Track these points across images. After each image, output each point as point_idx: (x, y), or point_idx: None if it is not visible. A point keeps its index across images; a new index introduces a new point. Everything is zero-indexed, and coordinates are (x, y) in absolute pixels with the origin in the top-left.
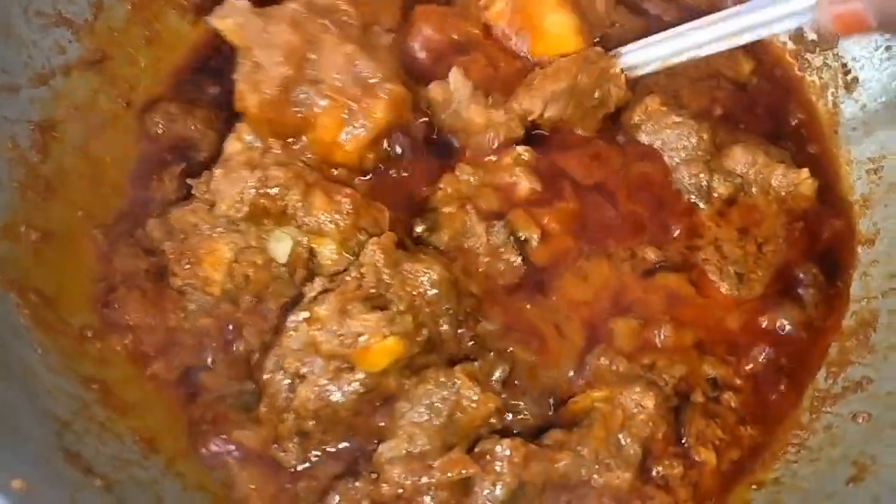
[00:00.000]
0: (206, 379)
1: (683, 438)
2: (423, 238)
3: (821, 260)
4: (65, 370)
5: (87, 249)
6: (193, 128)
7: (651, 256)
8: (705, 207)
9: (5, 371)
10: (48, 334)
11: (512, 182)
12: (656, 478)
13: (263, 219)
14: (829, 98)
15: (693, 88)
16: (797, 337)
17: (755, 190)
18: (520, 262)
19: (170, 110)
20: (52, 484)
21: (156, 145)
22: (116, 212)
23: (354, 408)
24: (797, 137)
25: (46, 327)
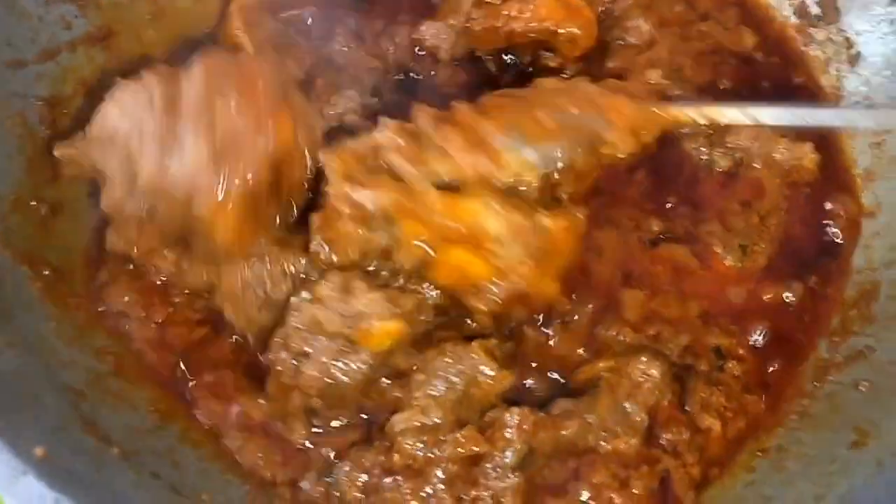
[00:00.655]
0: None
1: (688, 406)
2: None
3: (822, 232)
4: (78, 342)
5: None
6: None
7: (655, 228)
8: (707, 180)
9: (21, 343)
10: (61, 307)
11: None
12: (664, 444)
13: None
14: (833, 72)
15: (696, 62)
16: (800, 308)
17: (758, 163)
18: None
19: None
20: (72, 452)
21: None
22: None
23: (361, 387)
24: None
25: (59, 300)
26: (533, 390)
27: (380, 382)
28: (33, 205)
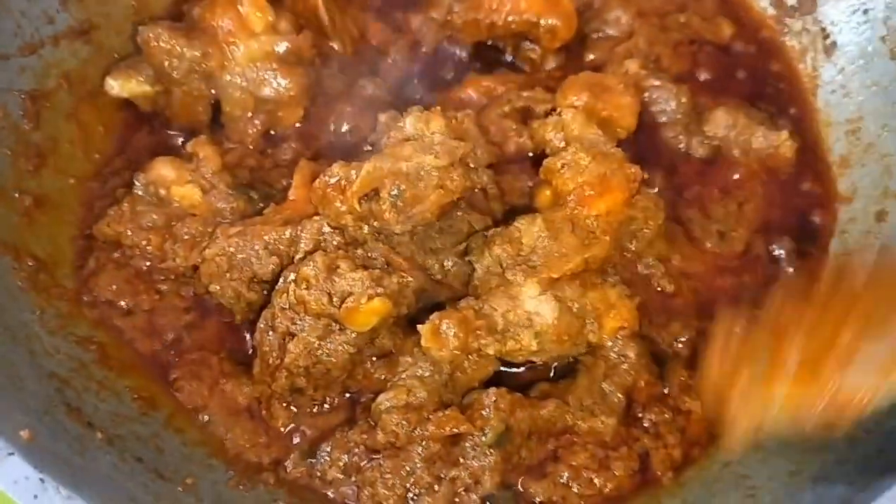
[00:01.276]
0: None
1: (667, 389)
2: None
3: (800, 219)
4: (62, 331)
5: (78, 214)
6: None
7: None
8: (685, 167)
9: (4, 331)
10: (44, 297)
11: None
12: (646, 425)
13: None
14: (809, 62)
15: (674, 52)
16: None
17: (737, 151)
18: None
19: None
20: (56, 436)
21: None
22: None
23: (346, 367)
24: (778, 100)
25: (42, 290)
26: (515, 375)
27: (366, 363)
28: (16, 196)
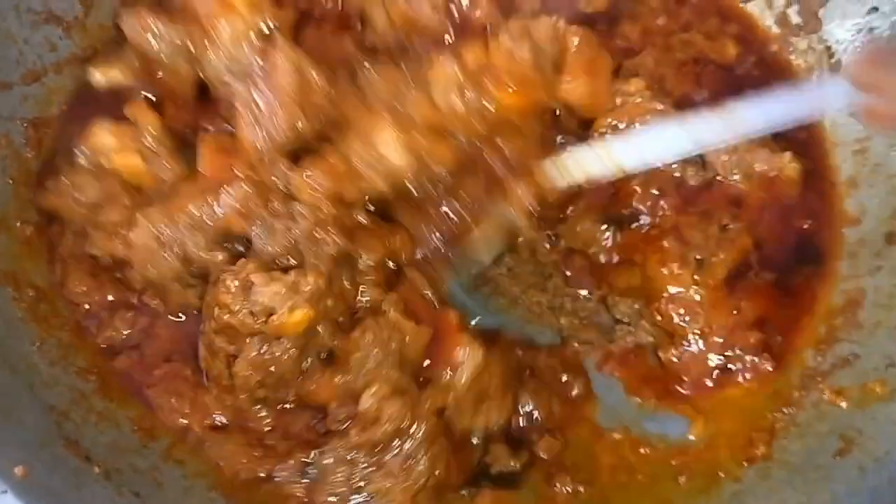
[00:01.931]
0: None
1: None
2: None
3: (802, 241)
4: (62, 361)
5: None
6: None
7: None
8: (672, 196)
9: (3, 363)
10: (44, 327)
11: None
12: None
13: None
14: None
15: (679, 72)
16: (782, 318)
17: (738, 176)
18: None
19: None
20: (52, 471)
21: None
22: None
23: (297, 367)
24: None
25: (42, 320)
26: None
27: (316, 373)
28: (18, 225)
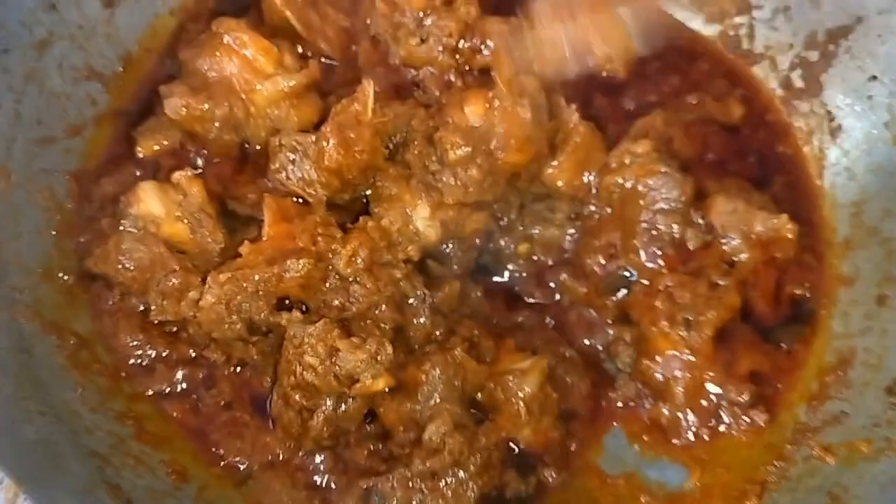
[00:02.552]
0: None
1: None
2: None
3: (796, 300)
4: (101, 407)
5: None
6: None
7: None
8: (671, 253)
9: (49, 410)
10: (85, 373)
11: None
12: None
13: None
14: (816, 143)
15: (686, 133)
16: (771, 373)
17: (737, 238)
18: None
19: None
20: None
21: None
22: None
23: (361, 416)
24: (785, 182)
25: (83, 367)
26: None
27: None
28: (60, 276)
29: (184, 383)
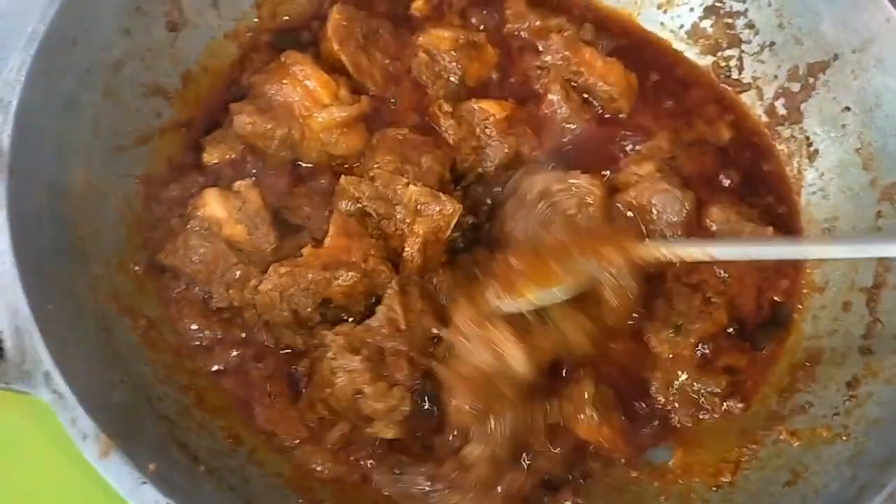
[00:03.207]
0: None
1: None
2: None
3: (775, 305)
4: (168, 380)
5: None
6: None
7: None
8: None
9: (128, 380)
10: (154, 350)
11: None
12: None
13: None
14: (795, 165)
15: (687, 153)
16: (749, 370)
17: None
18: None
19: None
20: (172, 468)
21: None
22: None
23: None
24: (768, 198)
25: (153, 345)
26: None
27: None
28: (132, 266)
29: (236, 360)
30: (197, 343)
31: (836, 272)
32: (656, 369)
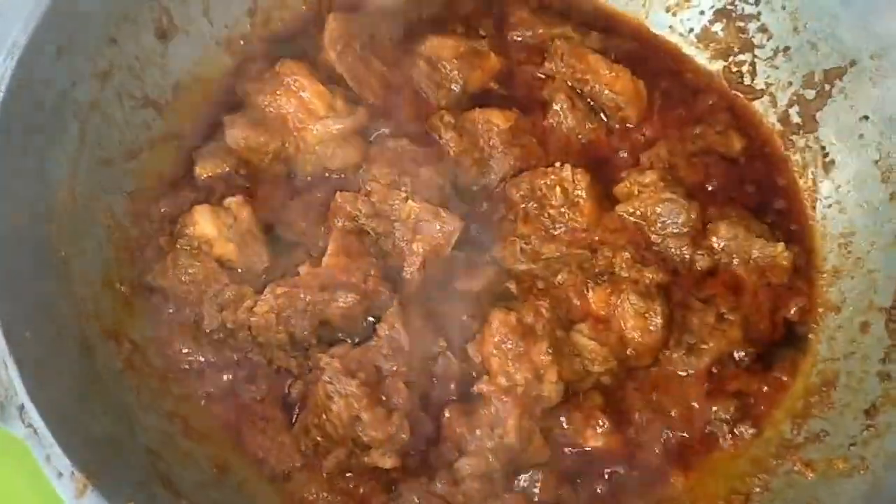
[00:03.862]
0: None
1: None
2: None
3: (788, 324)
4: (153, 407)
5: None
6: None
7: None
8: (685, 275)
9: (110, 410)
10: (139, 376)
11: None
12: None
13: None
14: (810, 176)
15: (689, 163)
16: (760, 394)
17: (736, 262)
18: None
19: None
20: None
21: None
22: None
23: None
24: (781, 211)
25: (137, 370)
26: None
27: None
28: (118, 287)
29: (228, 384)
30: (186, 367)
31: (853, 291)
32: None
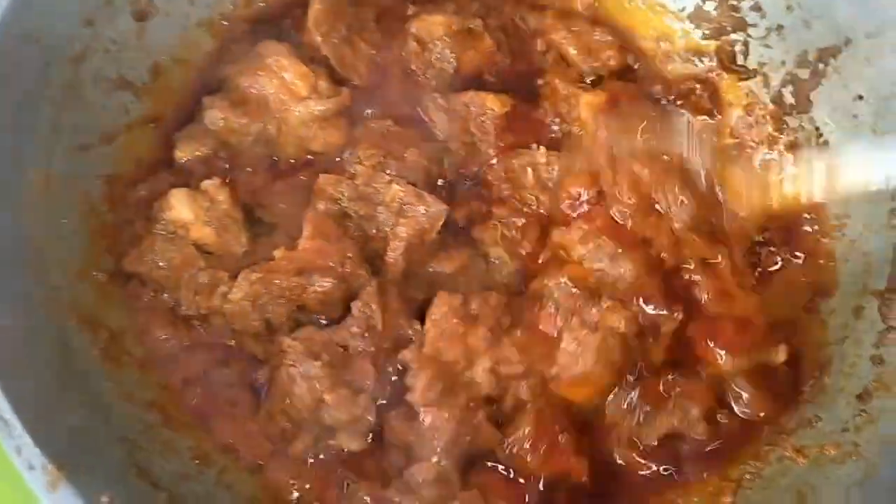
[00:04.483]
0: None
1: None
2: None
3: None
4: (131, 397)
5: None
6: None
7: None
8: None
9: (86, 400)
10: (116, 365)
11: None
12: None
13: None
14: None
15: None
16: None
17: None
18: None
19: None
20: (129, 497)
21: None
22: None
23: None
24: None
25: (114, 359)
26: None
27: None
28: (95, 274)
29: (201, 369)
30: (164, 353)
31: (847, 275)
32: None
